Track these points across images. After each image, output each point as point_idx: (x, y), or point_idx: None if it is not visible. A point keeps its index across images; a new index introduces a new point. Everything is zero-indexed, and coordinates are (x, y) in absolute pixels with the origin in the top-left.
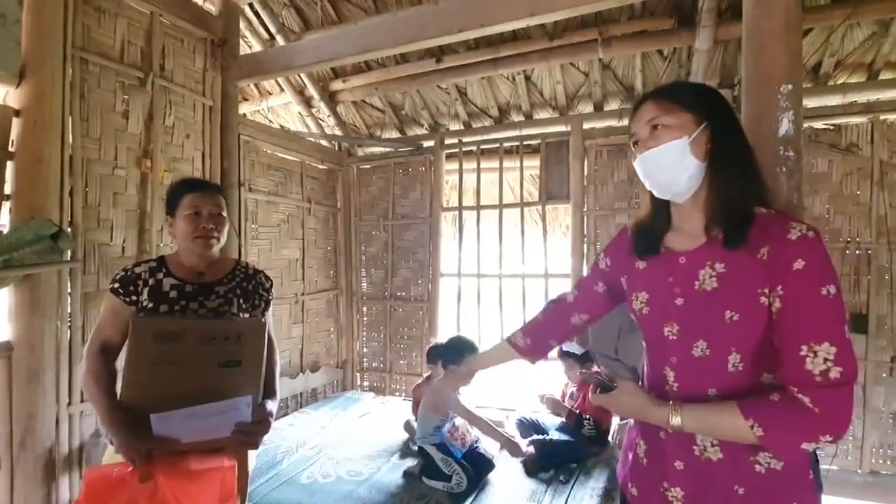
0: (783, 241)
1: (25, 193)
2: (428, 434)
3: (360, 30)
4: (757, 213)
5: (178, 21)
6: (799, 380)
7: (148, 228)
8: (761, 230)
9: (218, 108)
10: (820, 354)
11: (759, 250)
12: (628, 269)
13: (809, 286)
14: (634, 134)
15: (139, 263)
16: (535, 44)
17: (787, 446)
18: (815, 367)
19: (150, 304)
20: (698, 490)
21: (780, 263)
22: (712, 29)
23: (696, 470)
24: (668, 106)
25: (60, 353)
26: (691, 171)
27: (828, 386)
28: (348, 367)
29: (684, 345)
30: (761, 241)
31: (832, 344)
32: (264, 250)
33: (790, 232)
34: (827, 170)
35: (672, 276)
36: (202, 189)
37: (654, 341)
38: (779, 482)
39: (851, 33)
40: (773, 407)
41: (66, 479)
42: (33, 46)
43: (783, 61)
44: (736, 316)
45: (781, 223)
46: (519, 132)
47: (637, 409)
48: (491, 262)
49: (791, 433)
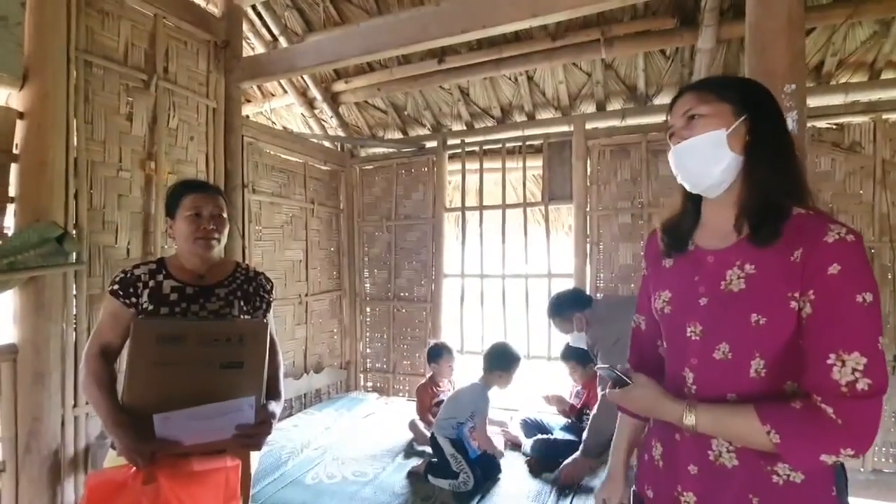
0: (819, 244)
1: (30, 196)
2: (447, 427)
3: (363, 31)
4: (794, 213)
5: (181, 23)
6: (823, 389)
7: (152, 231)
8: (797, 230)
9: (221, 110)
10: (848, 364)
11: (792, 252)
12: (655, 268)
13: (844, 292)
14: (672, 126)
15: (138, 265)
16: (537, 44)
17: (803, 456)
18: (843, 376)
19: (150, 306)
20: (711, 496)
21: (814, 266)
22: (715, 28)
23: (710, 475)
24: (706, 97)
25: (66, 355)
26: (725, 163)
27: (853, 397)
28: (352, 368)
29: (706, 346)
30: (796, 242)
31: (863, 354)
32: (268, 252)
33: (828, 234)
34: (830, 169)
35: (698, 275)
36: (202, 190)
37: (675, 342)
38: (797, 496)
39: (853, 33)
40: (792, 414)
41: (71, 481)
42: (36, 49)
43: (786, 60)
44: (763, 319)
45: (819, 224)
46: (521, 132)
47: (651, 405)
48: (494, 262)
49: (809, 443)
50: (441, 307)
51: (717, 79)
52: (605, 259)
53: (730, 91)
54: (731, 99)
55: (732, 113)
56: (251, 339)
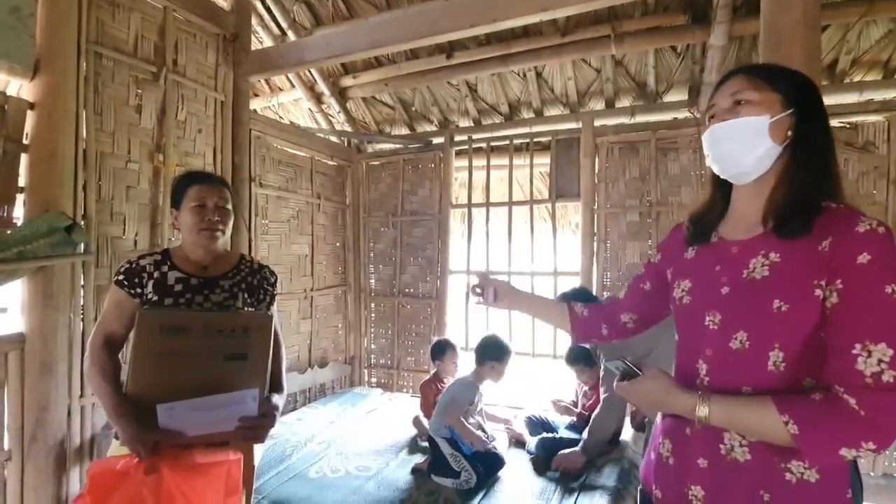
0: (849, 233)
1: (39, 186)
2: (440, 426)
3: (371, 25)
4: (825, 207)
5: (190, 16)
6: (847, 379)
7: (160, 223)
8: (827, 222)
9: (229, 104)
10: (875, 355)
11: (821, 242)
12: (676, 259)
13: (873, 282)
14: (714, 105)
15: (143, 256)
16: (546, 40)
17: (822, 449)
18: (868, 367)
19: (154, 297)
20: (721, 491)
21: (843, 256)
22: (727, 25)
23: (721, 469)
24: (756, 82)
25: (73, 345)
26: (762, 151)
27: (878, 389)
28: (356, 363)
29: (722, 336)
30: (826, 232)
31: (890, 346)
32: (274, 246)
33: (859, 225)
34: (843, 168)
35: (720, 265)
36: (208, 181)
37: (690, 332)
38: (810, 494)
39: (868, 31)
40: (813, 405)
41: (76, 471)
42: (48, 40)
43: (800, 57)
44: (785, 306)
45: (850, 216)
46: (529, 129)
47: (662, 397)
48: (500, 259)
49: (829, 435)
50: (446, 304)
51: (771, 66)
52: (612, 257)
53: (783, 81)
54: (782, 89)
55: (781, 103)
56: (256, 332)
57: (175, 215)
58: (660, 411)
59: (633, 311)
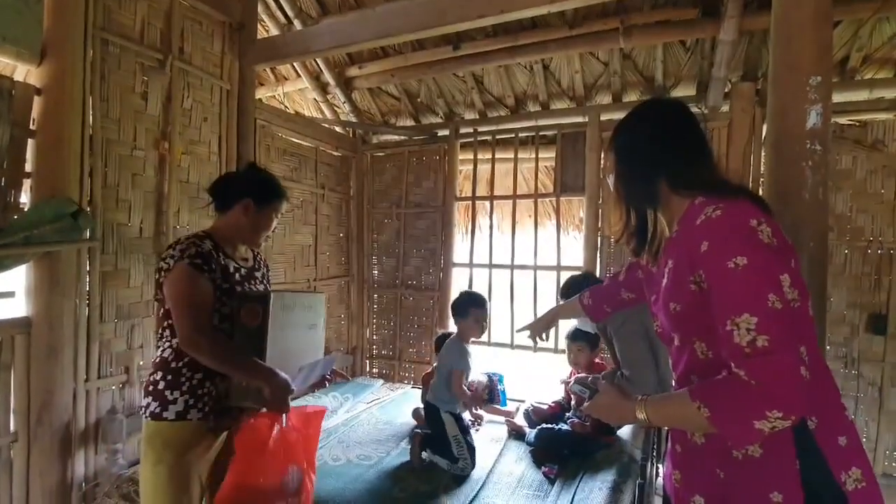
0: (693, 228)
1: (46, 172)
2: (450, 400)
3: (378, 15)
4: (696, 202)
5: (196, 4)
6: (733, 355)
7: (165, 210)
8: (689, 219)
9: (235, 92)
10: (742, 326)
11: (699, 241)
12: (646, 268)
13: (716, 263)
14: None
15: (193, 241)
16: (554, 32)
17: (734, 426)
18: (742, 338)
19: (221, 281)
20: (690, 472)
21: (693, 250)
22: (738, 19)
23: (688, 453)
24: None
25: (79, 329)
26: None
27: (758, 355)
28: (358, 354)
29: (668, 339)
30: (692, 230)
31: (752, 314)
32: (277, 235)
33: (699, 217)
34: (851, 167)
35: (656, 277)
36: (286, 201)
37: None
38: (756, 469)
39: (880, 28)
40: (716, 385)
41: (81, 454)
42: (55, 26)
43: (812, 52)
44: (678, 307)
45: (699, 210)
46: (535, 123)
47: (615, 409)
48: (503, 253)
49: (735, 411)
50: (449, 296)
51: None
52: (616, 252)
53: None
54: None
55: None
56: (318, 306)
57: (249, 207)
58: (619, 422)
59: (630, 289)
